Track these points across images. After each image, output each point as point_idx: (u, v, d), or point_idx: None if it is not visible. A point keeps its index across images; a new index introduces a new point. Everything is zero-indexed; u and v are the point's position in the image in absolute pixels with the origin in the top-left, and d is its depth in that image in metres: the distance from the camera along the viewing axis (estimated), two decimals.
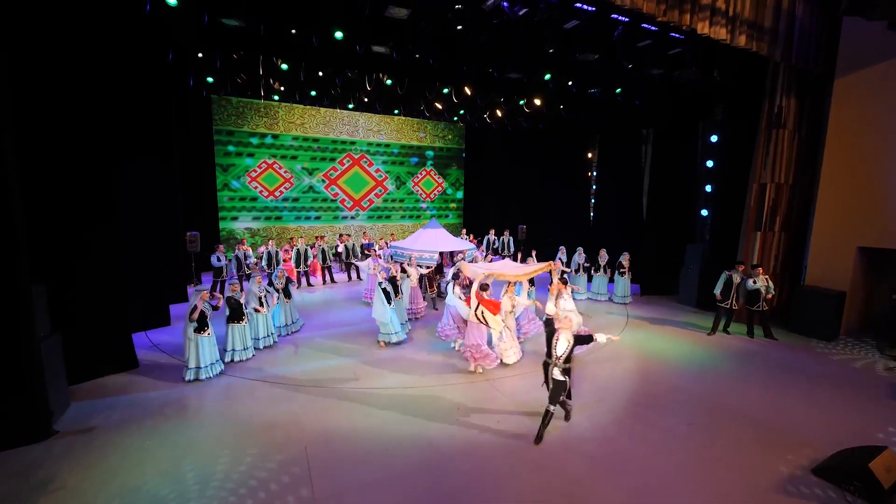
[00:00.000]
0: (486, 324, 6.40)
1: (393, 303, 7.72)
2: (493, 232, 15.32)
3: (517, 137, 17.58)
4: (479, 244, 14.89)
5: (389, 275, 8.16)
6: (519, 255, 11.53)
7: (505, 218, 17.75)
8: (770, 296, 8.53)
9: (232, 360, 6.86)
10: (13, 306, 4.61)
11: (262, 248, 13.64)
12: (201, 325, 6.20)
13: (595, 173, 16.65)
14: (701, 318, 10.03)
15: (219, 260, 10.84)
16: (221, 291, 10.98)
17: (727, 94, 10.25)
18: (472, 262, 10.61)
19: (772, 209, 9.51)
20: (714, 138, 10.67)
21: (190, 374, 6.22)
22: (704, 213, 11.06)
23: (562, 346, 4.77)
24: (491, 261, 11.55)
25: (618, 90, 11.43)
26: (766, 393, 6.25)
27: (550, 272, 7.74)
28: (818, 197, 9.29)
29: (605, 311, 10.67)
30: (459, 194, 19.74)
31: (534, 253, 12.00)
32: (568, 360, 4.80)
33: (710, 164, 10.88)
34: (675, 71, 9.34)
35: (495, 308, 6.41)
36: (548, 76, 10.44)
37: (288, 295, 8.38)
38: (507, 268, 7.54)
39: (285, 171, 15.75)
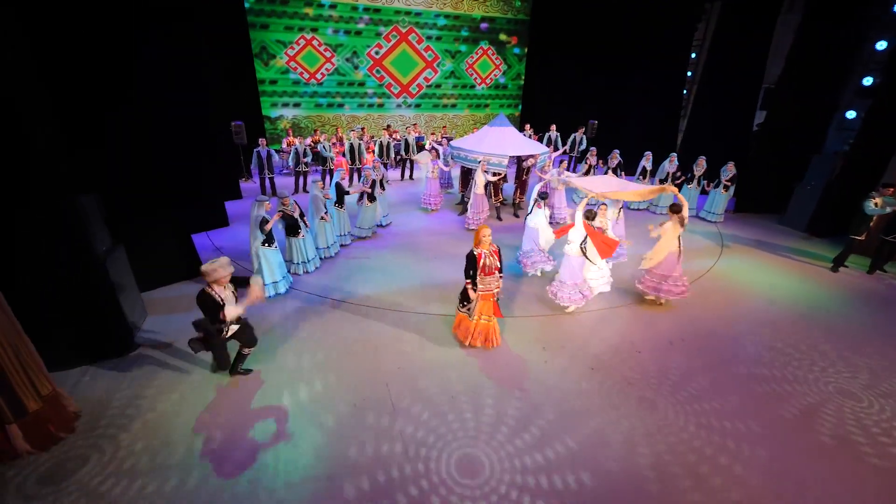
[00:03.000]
0: (587, 257, 5.49)
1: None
2: (553, 127, 13.27)
3: (598, 6, 14.13)
4: (539, 141, 13.12)
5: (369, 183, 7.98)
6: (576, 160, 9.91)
7: (574, 111, 15.38)
8: None
9: (295, 273, 6.53)
10: (63, 219, 4.12)
11: (309, 141, 12.70)
12: (269, 239, 5.70)
13: (695, 56, 13.52)
14: (813, 246, 8.60)
15: (259, 156, 9.94)
16: (273, 191, 10.47)
17: None
18: (543, 168, 9.26)
19: None
20: None
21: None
22: (851, 115, 8.70)
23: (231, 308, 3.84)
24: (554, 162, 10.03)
25: None
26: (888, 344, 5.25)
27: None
28: None
29: (691, 229, 9.37)
30: (520, 79, 17.06)
31: (594, 151, 10.35)
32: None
33: (881, 45, 8.15)
34: None
35: (609, 249, 5.42)
36: None
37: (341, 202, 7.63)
38: (628, 187, 6.19)
39: (325, 49, 13.77)
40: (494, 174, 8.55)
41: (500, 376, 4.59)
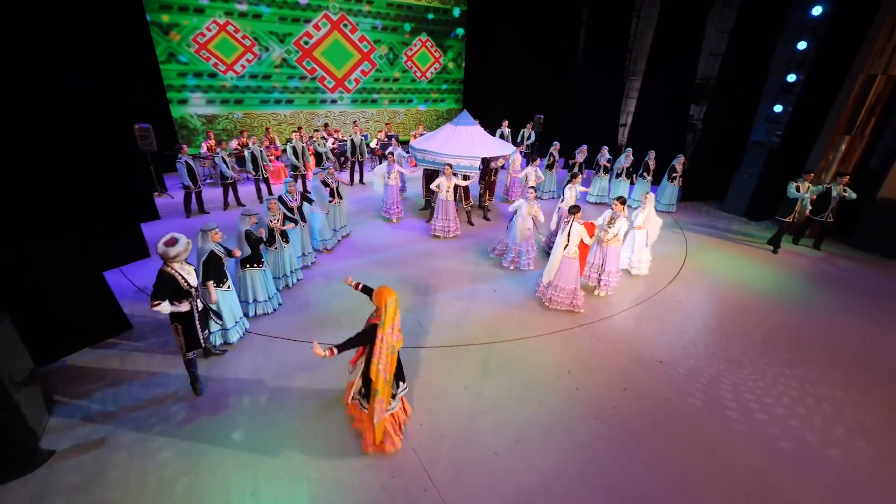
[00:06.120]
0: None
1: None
2: (506, 124, 13.02)
3: None
4: None
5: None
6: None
7: (517, 106, 15.24)
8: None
9: (255, 314, 5.31)
10: None
11: (234, 143, 10.99)
12: (217, 279, 4.45)
13: (630, 52, 14.02)
14: (753, 229, 9.43)
15: (189, 167, 8.14)
16: (200, 207, 8.74)
17: None
18: (513, 168, 8.84)
19: (871, 107, 8.12)
20: (817, 10, 8.52)
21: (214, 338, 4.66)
22: (778, 108, 9.48)
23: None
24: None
25: None
26: (880, 331, 5.71)
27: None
28: None
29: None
30: (461, 73, 16.54)
31: (557, 146, 10.44)
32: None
33: (801, 45, 8.92)
34: None
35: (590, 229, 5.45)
36: None
37: (303, 218, 6.50)
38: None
39: (244, 37, 11.95)
40: (465, 177, 7.91)
41: (542, 420, 4.01)
